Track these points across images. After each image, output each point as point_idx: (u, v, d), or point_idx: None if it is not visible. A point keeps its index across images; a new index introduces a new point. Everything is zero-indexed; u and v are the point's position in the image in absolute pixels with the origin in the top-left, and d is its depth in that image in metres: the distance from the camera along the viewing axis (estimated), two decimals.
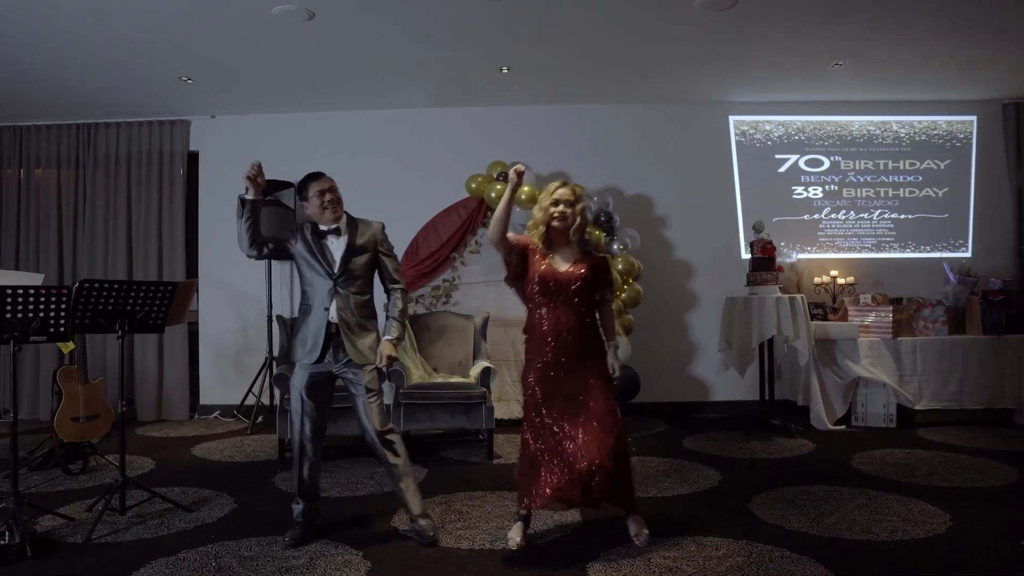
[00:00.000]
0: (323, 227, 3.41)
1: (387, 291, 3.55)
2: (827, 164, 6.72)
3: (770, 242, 5.86)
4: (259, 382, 6.17)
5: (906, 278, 6.59)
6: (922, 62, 5.69)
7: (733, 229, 6.69)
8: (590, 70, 5.76)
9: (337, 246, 3.40)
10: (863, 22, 4.89)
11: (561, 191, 3.31)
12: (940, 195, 6.74)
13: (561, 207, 3.28)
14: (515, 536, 3.29)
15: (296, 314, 3.67)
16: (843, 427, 5.83)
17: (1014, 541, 3.27)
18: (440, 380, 5.21)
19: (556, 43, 5.16)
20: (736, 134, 6.69)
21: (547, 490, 3.14)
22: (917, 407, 5.83)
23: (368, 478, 4.47)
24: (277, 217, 5.91)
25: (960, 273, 6.24)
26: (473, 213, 6.22)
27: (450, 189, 6.29)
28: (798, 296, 5.71)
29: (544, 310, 3.29)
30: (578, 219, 3.30)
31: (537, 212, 3.36)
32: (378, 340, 3.41)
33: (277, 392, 4.87)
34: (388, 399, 4.79)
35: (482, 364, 5.24)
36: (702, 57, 5.54)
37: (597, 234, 5.97)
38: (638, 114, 6.67)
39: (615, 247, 6.04)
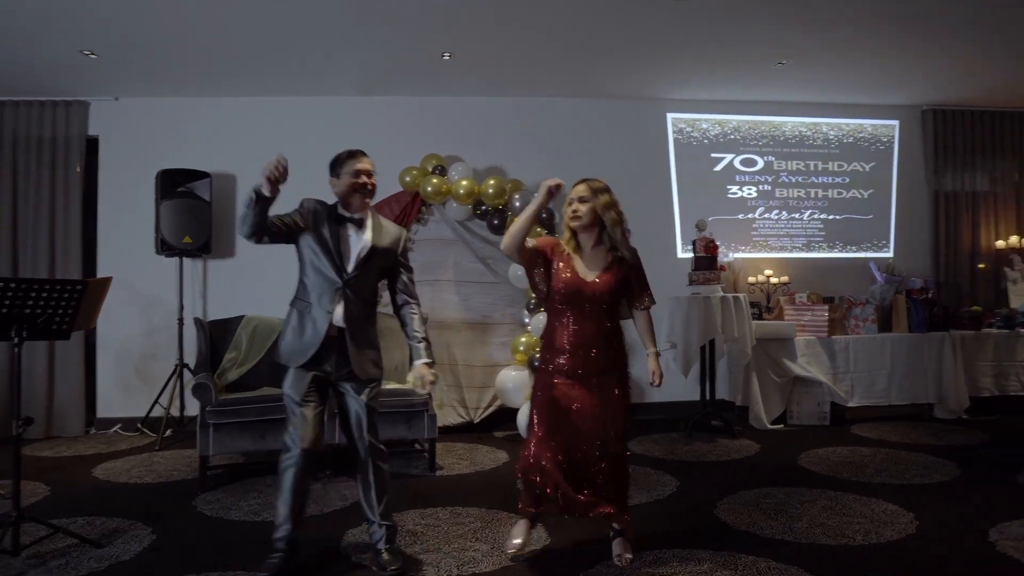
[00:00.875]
0: (344, 213, 2.98)
1: (401, 306, 3.15)
2: (761, 164, 6.76)
3: (713, 241, 5.80)
4: (168, 392, 5.58)
5: (835, 277, 6.71)
6: (853, 66, 5.78)
7: (670, 228, 6.62)
8: (534, 60, 5.51)
9: (356, 240, 2.98)
10: (808, 23, 4.88)
11: (576, 188, 3.06)
12: (866, 196, 6.90)
13: (575, 205, 3.02)
14: (517, 535, 3.13)
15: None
16: (780, 426, 5.84)
17: (982, 538, 3.26)
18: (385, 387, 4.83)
19: (502, 29, 4.88)
20: (674, 132, 6.62)
21: (546, 498, 2.99)
22: (849, 404, 5.92)
23: (335, 495, 4.06)
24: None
25: (886, 272, 6.40)
26: (407, 208, 5.86)
27: (383, 182, 5.84)
28: (741, 295, 5.68)
29: (565, 319, 3.04)
30: (602, 216, 3.00)
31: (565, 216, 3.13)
32: (380, 356, 3.06)
33: (196, 404, 4.36)
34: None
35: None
36: (645, 51, 5.41)
37: (540, 231, 5.74)
38: (577, 109, 6.49)
39: None
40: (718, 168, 6.70)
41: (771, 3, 4.57)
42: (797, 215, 6.80)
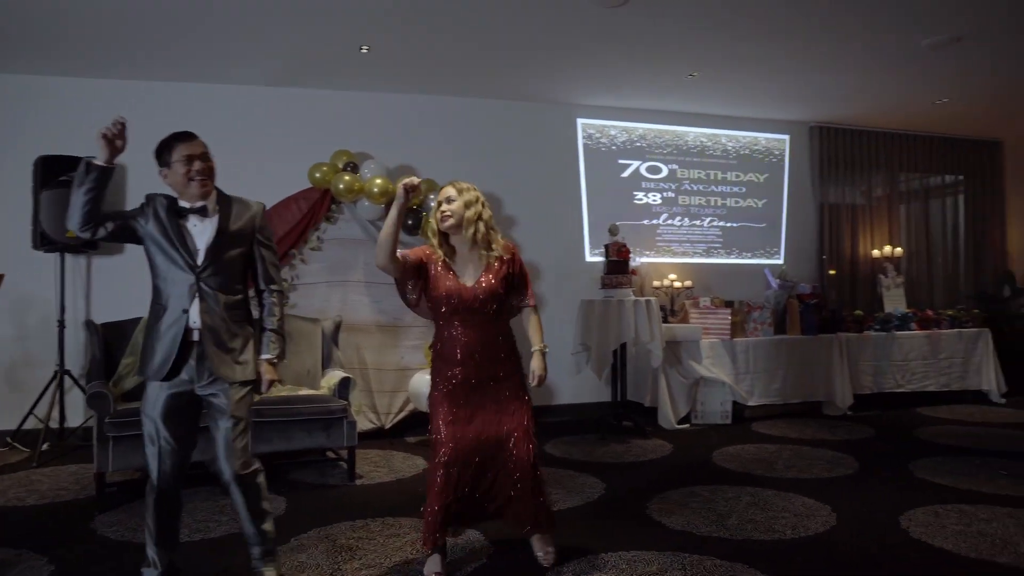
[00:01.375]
0: (184, 204, 2.68)
1: (259, 293, 2.85)
2: (665, 172, 6.97)
3: (625, 245, 5.91)
4: (45, 401, 5.02)
5: (732, 282, 7.02)
6: (754, 81, 6.07)
7: (579, 231, 6.70)
8: (451, 57, 5.40)
9: (202, 230, 2.68)
10: (720, 37, 5.06)
11: (443, 190, 2.96)
12: (759, 206, 7.28)
13: (443, 207, 2.93)
14: (433, 569, 2.89)
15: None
16: (687, 425, 6.03)
17: (895, 526, 3.48)
18: (288, 393, 4.57)
19: (422, 23, 4.72)
20: (583, 137, 6.71)
21: (456, 518, 2.93)
22: (749, 403, 6.21)
23: (219, 512, 3.76)
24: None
25: (780, 278, 6.76)
26: (316, 205, 5.59)
27: (291, 178, 5.60)
28: (652, 299, 5.81)
29: (453, 329, 2.94)
30: (471, 215, 2.91)
31: (431, 219, 3.00)
32: (252, 356, 2.75)
33: (78, 414, 3.93)
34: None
35: (338, 374, 4.69)
36: (561, 56, 5.43)
37: None
38: (492, 110, 6.44)
39: None
40: (625, 174, 6.85)
41: (689, 16, 4.69)
42: (698, 222, 7.07)
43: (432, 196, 5.61)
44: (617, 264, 5.84)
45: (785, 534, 3.40)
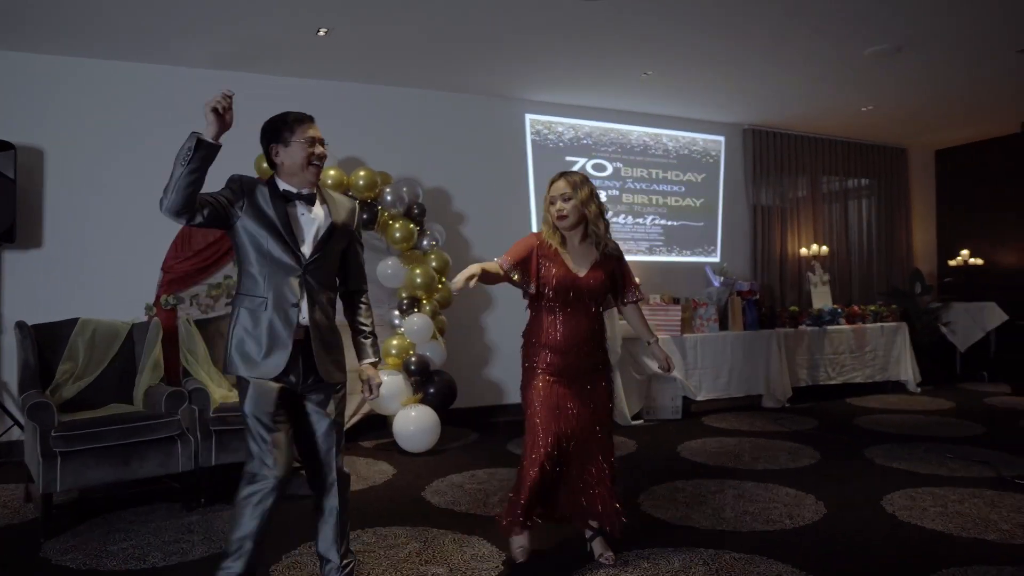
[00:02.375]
0: (290, 189, 2.46)
1: (351, 294, 2.70)
2: (610, 170, 7.01)
3: None
4: None
5: (673, 280, 7.14)
6: (699, 82, 6.18)
7: (527, 228, 6.61)
8: (406, 47, 5.15)
9: (310, 220, 2.48)
10: (677, 35, 5.08)
11: (556, 185, 2.90)
12: (698, 205, 7.45)
13: (559, 204, 2.87)
14: (520, 543, 2.94)
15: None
16: (640, 421, 6.07)
17: (881, 509, 3.61)
18: None
19: (384, 6, 4.46)
20: (532, 133, 6.63)
21: (545, 506, 2.89)
22: (698, 398, 6.33)
23: (187, 532, 3.40)
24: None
25: (721, 275, 6.94)
26: None
27: (236, 167, 5.19)
28: (608, 296, 5.80)
29: (557, 316, 2.87)
30: (585, 212, 2.88)
31: (545, 214, 2.96)
32: (344, 357, 2.60)
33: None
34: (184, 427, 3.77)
35: None
36: (512, 51, 5.31)
37: (412, 227, 5.41)
38: (441, 102, 6.24)
39: (424, 243, 5.54)
40: None
41: (651, 12, 4.66)
42: (641, 220, 7.16)
43: (388, 189, 5.39)
44: None
45: (785, 524, 3.44)
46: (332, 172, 5.17)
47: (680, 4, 4.54)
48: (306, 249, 2.46)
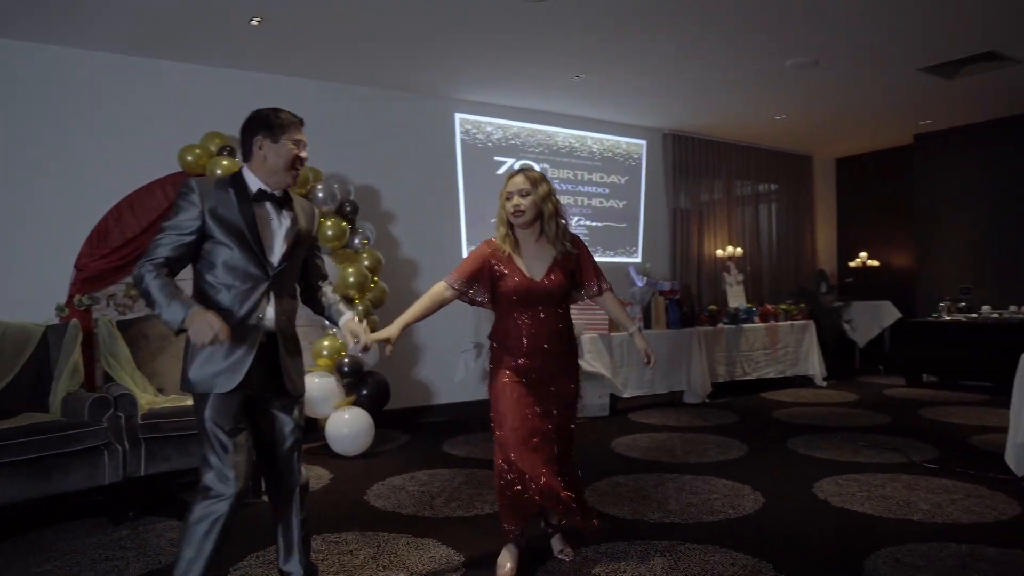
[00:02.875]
0: (265, 188, 2.34)
1: (316, 287, 2.62)
2: (537, 170, 7.04)
3: None
4: None
5: None
6: (632, 84, 6.30)
7: (456, 227, 6.58)
8: (342, 41, 5.03)
9: (278, 225, 2.36)
10: (610, 39, 5.17)
11: (514, 180, 2.83)
12: (620, 207, 7.62)
13: (515, 199, 2.79)
14: (507, 564, 2.81)
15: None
16: None
17: (813, 496, 3.79)
18: (173, 405, 4.00)
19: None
20: (461, 132, 6.60)
21: (527, 507, 2.78)
22: (624, 395, 6.47)
23: (119, 548, 3.18)
24: None
25: (644, 276, 7.13)
26: None
27: (156, 161, 4.93)
28: None
29: (520, 316, 2.81)
30: (541, 209, 2.82)
31: (500, 210, 2.87)
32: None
33: None
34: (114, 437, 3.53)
35: None
36: (442, 49, 5.29)
37: (344, 226, 5.27)
38: (371, 99, 6.11)
39: (356, 241, 5.41)
40: (501, 172, 6.84)
41: (592, 15, 4.74)
42: (567, 221, 7.23)
43: (320, 186, 5.23)
44: None
45: (729, 514, 3.56)
46: None
47: (615, 9, 4.63)
48: (274, 258, 2.34)
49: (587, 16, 4.72)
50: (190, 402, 3.96)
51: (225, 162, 4.90)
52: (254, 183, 2.35)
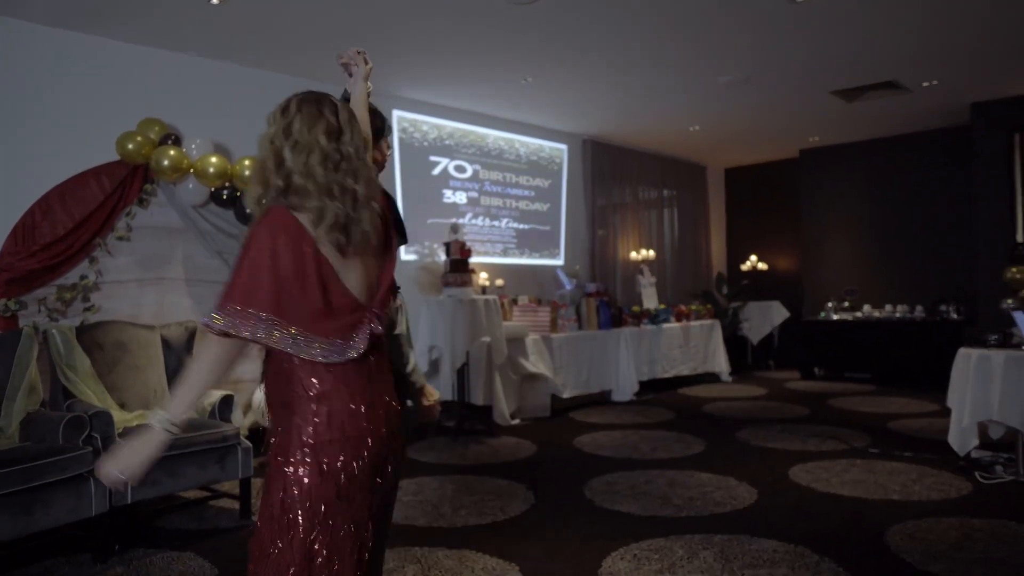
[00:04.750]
0: None
1: None
2: (470, 172, 7.00)
3: (466, 244, 5.82)
4: None
5: (524, 281, 7.34)
6: (575, 88, 6.39)
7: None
8: (291, 29, 4.72)
9: None
10: (557, 43, 5.21)
11: None
12: (545, 210, 7.72)
13: None
14: None
15: None
16: (517, 421, 6.15)
17: (794, 484, 4.06)
18: (145, 421, 3.59)
19: None
20: (399, 130, 6.41)
21: None
22: (564, 396, 6.57)
23: None
24: None
25: (573, 278, 7.27)
26: (125, 183, 4.45)
27: (92, 146, 4.38)
28: (491, 298, 5.82)
29: None
30: None
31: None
32: None
33: None
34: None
35: (210, 392, 3.82)
36: (391, 46, 5.15)
37: None
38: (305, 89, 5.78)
39: None
40: (435, 172, 6.72)
41: (534, 20, 4.76)
42: (497, 222, 7.25)
43: None
44: (459, 263, 5.73)
45: (736, 504, 3.74)
46: (214, 159, 4.58)
47: (569, 16, 4.69)
48: None
49: (541, 21, 4.75)
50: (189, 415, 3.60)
51: (172, 152, 4.46)
52: None
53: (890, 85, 6.30)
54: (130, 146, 4.38)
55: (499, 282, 6.87)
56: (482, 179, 7.12)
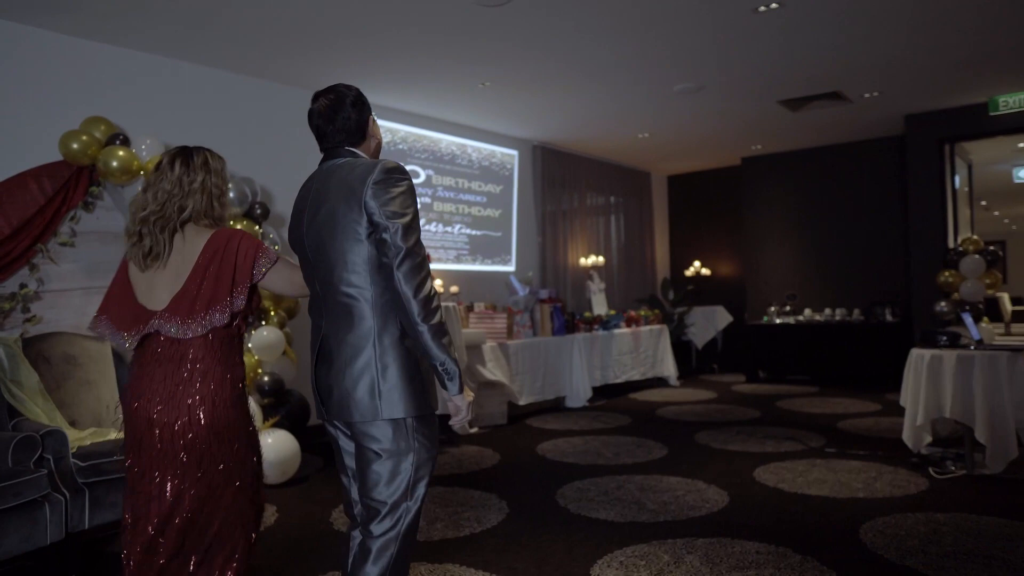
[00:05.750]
0: None
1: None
2: (423, 177, 6.90)
3: (425, 250, 5.71)
4: None
5: (477, 287, 7.28)
6: (532, 94, 6.39)
7: None
8: (239, 27, 4.54)
9: None
10: (513, 50, 5.24)
11: None
12: (497, 216, 7.68)
13: None
14: None
15: None
16: (475, 429, 6.08)
17: (759, 484, 4.12)
18: (99, 440, 3.37)
19: None
20: None
21: None
22: (521, 402, 6.53)
23: None
24: None
25: (526, 284, 7.25)
26: (69, 185, 4.18)
27: (31, 146, 4.11)
28: (451, 304, 5.74)
29: None
30: None
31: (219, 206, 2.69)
32: None
33: None
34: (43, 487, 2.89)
35: None
36: (343, 44, 5.03)
37: (256, 229, 4.77)
38: (261, 92, 5.60)
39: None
40: None
41: (490, 24, 4.74)
42: (450, 228, 7.16)
43: (231, 186, 4.66)
44: None
45: (710, 507, 3.77)
46: (121, 153, 4.34)
47: (529, 24, 4.70)
48: None
49: (504, 25, 4.73)
50: (116, 436, 3.39)
51: (121, 152, 4.22)
52: None
53: (834, 95, 6.53)
54: (74, 146, 4.12)
55: (453, 289, 6.78)
56: (435, 184, 7.03)
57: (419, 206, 2.34)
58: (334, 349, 1.94)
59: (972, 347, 4.40)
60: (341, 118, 2.05)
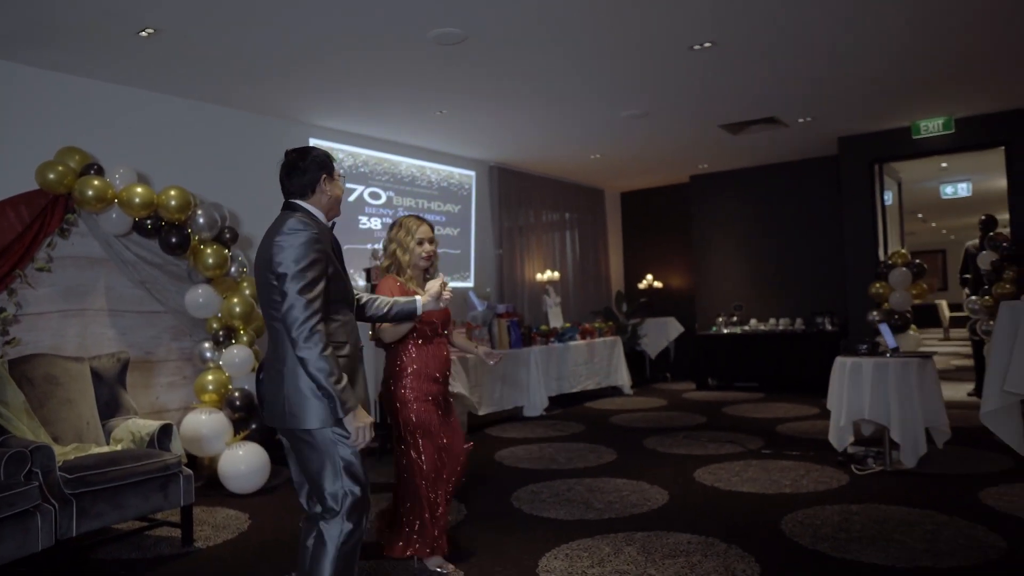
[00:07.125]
0: (325, 223, 2.51)
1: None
2: (384, 198, 7.20)
3: None
4: None
5: None
6: (472, 122, 6.77)
7: None
8: (213, 59, 4.80)
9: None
10: (467, 81, 5.56)
11: (423, 227, 3.24)
12: (456, 234, 8.01)
13: (427, 246, 3.22)
14: (438, 564, 3.20)
15: None
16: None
17: (698, 484, 4.49)
18: (81, 455, 3.60)
19: (219, 7, 4.16)
20: None
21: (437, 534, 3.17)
22: (480, 413, 6.84)
23: None
24: None
25: (485, 300, 7.58)
26: (45, 213, 4.39)
27: (7, 176, 4.31)
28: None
29: (430, 347, 3.17)
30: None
31: (403, 254, 3.21)
32: None
33: None
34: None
35: (146, 422, 3.87)
36: (305, 75, 5.30)
37: (226, 253, 5.02)
38: (228, 120, 5.84)
39: (233, 269, 5.16)
40: (351, 199, 6.88)
41: (445, 57, 5.02)
42: None
43: (200, 212, 4.92)
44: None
45: (652, 505, 4.13)
46: (139, 189, 4.59)
47: (485, 55, 5.03)
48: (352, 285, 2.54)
49: (458, 59, 5.05)
50: (97, 450, 3.63)
51: (96, 182, 4.46)
52: (322, 218, 2.45)
53: (771, 120, 7.01)
54: (51, 176, 4.34)
55: None
56: (396, 205, 7.33)
57: (380, 225, 2.90)
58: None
59: (888, 355, 4.85)
60: (296, 174, 2.46)
